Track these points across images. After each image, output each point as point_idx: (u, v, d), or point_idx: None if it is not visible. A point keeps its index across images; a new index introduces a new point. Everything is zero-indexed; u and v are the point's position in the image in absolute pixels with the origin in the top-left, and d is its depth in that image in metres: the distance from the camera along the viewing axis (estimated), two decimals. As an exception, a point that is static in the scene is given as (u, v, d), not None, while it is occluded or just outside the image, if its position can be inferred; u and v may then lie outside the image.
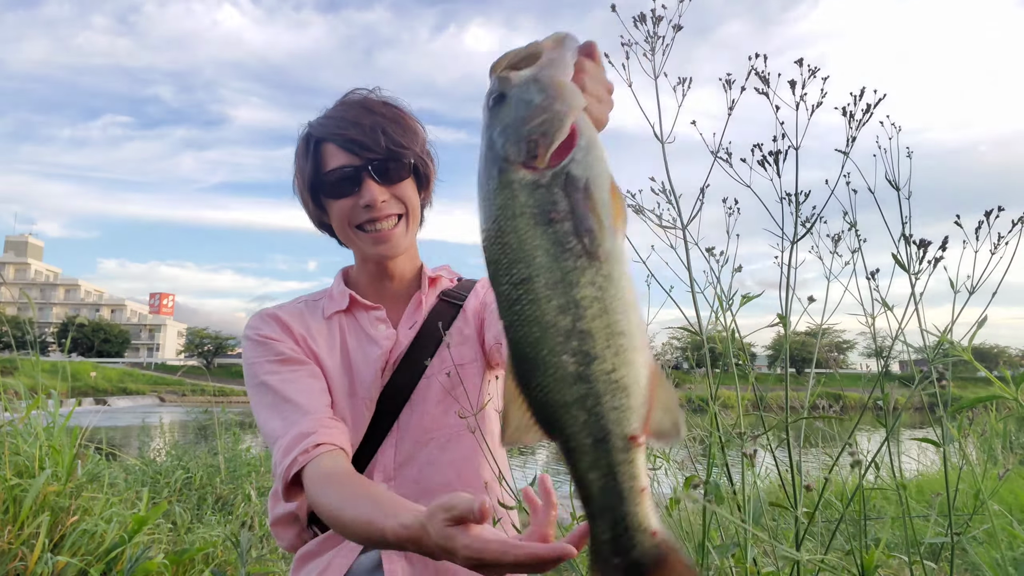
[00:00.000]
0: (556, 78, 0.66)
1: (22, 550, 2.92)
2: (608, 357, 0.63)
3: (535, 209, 0.64)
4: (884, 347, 1.32)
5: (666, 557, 0.67)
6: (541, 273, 0.64)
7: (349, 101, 1.31)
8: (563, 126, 0.64)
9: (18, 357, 4.29)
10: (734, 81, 1.06)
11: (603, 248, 0.64)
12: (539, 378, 0.65)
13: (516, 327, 0.65)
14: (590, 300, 0.63)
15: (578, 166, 0.65)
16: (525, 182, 0.65)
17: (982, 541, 1.67)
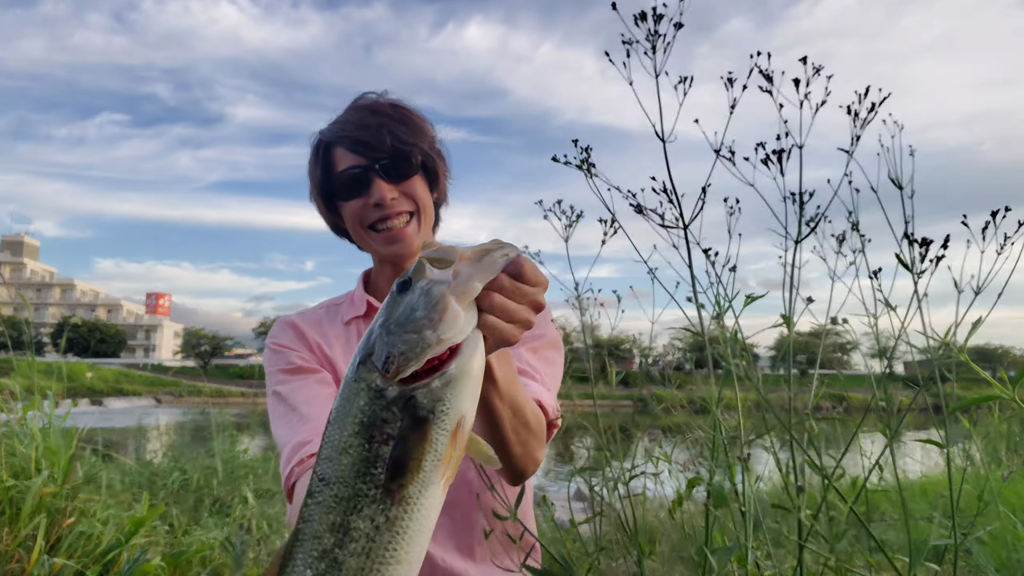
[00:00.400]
0: (445, 300, 0.65)
1: (19, 552, 2.90)
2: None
3: (365, 419, 0.65)
4: (887, 347, 1.31)
5: None
6: (337, 481, 0.64)
7: (357, 105, 1.33)
8: (421, 356, 0.64)
9: (14, 357, 4.26)
10: (736, 79, 1.05)
11: (404, 492, 0.63)
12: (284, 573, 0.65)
13: (301, 516, 0.66)
14: (359, 535, 0.63)
15: (427, 396, 0.64)
16: (372, 386, 0.65)
17: (986, 542, 1.67)
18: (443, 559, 1.21)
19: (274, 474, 5.75)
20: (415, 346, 0.64)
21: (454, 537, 1.24)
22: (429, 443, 0.63)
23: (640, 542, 1.38)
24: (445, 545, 1.23)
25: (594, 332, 1.64)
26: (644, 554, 1.37)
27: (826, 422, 1.45)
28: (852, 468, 1.25)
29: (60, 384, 3.98)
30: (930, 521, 1.25)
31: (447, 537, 1.24)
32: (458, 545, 1.24)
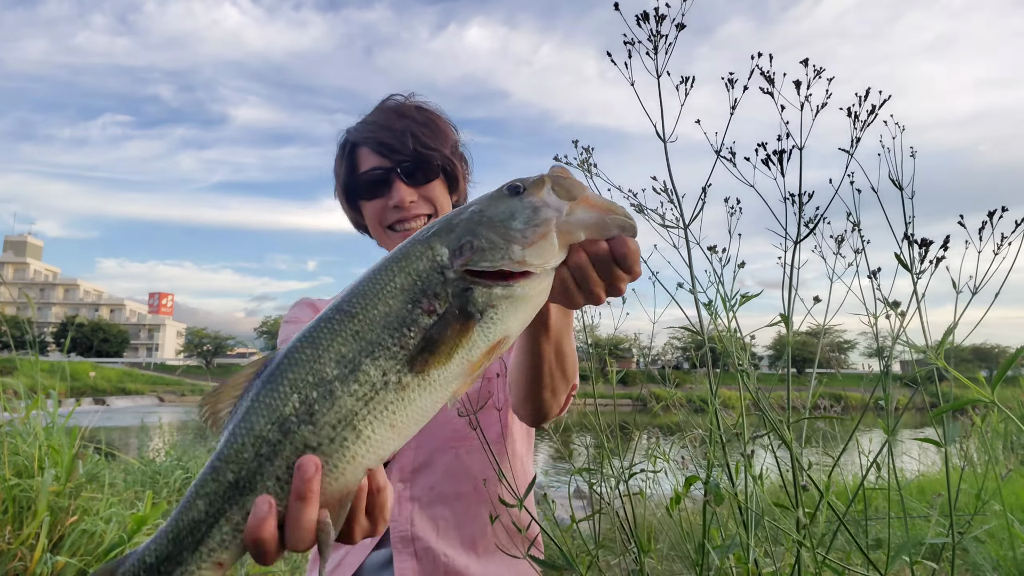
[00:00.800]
0: (548, 228, 0.64)
1: (22, 550, 2.92)
2: (325, 439, 0.60)
3: (418, 282, 0.63)
4: (885, 347, 1.31)
5: None
6: (363, 320, 0.62)
7: (384, 107, 1.37)
8: (496, 263, 0.62)
9: (17, 357, 4.28)
10: (736, 80, 1.06)
11: (425, 369, 0.61)
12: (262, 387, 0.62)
13: (302, 337, 0.64)
14: (366, 380, 0.61)
15: (484, 296, 0.62)
16: (437, 258, 0.64)
17: (983, 541, 1.67)
18: (445, 554, 1.22)
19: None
20: (497, 250, 0.63)
21: (457, 530, 1.26)
22: (467, 340, 0.62)
23: (639, 539, 1.39)
24: (448, 538, 1.24)
25: (594, 331, 1.65)
26: (643, 551, 1.38)
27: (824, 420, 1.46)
28: (850, 467, 1.26)
29: (63, 383, 4.00)
30: (927, 520, 1.26)
31: (450, 529, 1.25)
32: (461, 538, 1.25)
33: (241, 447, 0.61)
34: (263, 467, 0.61)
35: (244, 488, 0.61)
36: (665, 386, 1.79)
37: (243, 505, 0.61)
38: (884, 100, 1.02)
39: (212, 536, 0.61)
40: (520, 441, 1.35)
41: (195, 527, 0.61)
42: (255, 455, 0.61)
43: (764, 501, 1.25)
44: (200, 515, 0.61)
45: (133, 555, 0.64)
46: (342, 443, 0.60)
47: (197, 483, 0.63)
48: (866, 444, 1.59)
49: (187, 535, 0.62)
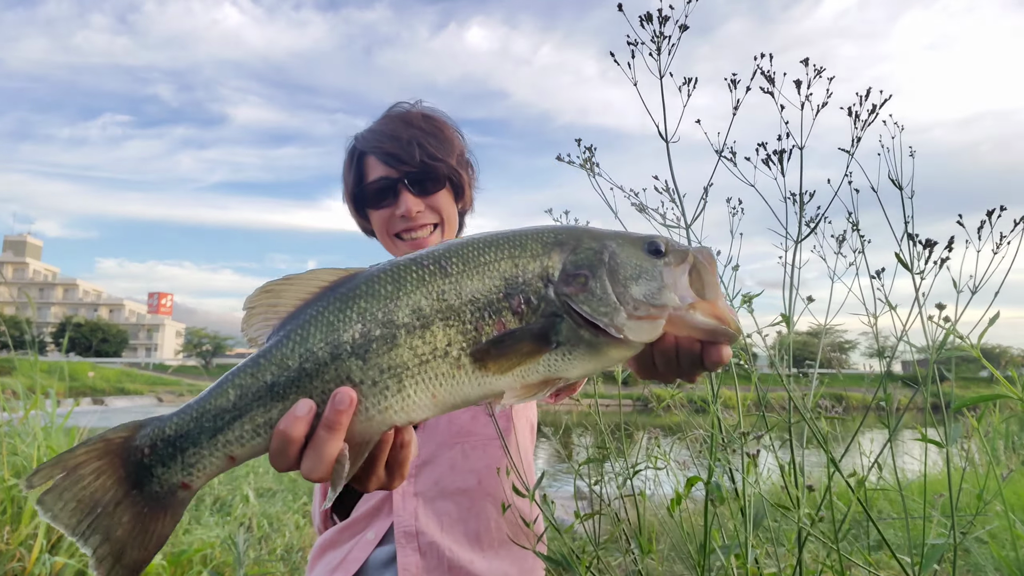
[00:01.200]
0: (661, 314, 0.62)
1: (20, 551, 2.91)
2: (368, 379, 0.60)
3: (520, 279, 0.62)
4: (886, 347, 1.31)
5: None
6: (455, 284, 0.61)
7: (391, 115, 1.38)
8: (597, 315, 0.61)
9: (16, 357, 4.27)
10: (739, 81, 1.06)
11: (483, 362, 0.60)
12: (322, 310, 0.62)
13: (392, 271, 0.62)
14: (430, 342, 0.60)
15: (567, 331, 0.61)
16: (547, 270, 0.62)
17: (985, 542, 1.67)
18: (450, 548, 1.23)
19: (274, 473, 5.76)
20: (604, 305, 0.61)
21: (461, 525, 1.26)
22: (531, 362, 0.61)
23: (640, 540, 1.38)
24: (452, 533, 1.25)
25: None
26: (644, 552, 1.37)
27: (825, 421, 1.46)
28: (851, 467, 1.26)
29: (62, 383, 3.99)
30: (929, 520, 1.26)
31: (454, 524, 1.26)
32: (465, 533, 1.26)
33: (289, 353, 0.61)
34: (302, 381, 0.60)
35: (277, 394, 0.60)
36: (666, 386, 1.78)
37: (269, 409, 0.61)
38: (885, 99, 1.01)
39: (232, 428, 0.61)
40: (524, 435, 1.36)
41: (219, 414, 0.61)
42: (299, 366, 0.60)
43: (765, 501, 1.25)
44: (227, 404, 0.61)
45: (154, 422, 0.64)
46: (383, 390, 0.60)
47: (234, 372, 0.62)
48: (867, 445, 1.59)
49: (210, 419, 0.62)
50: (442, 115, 1.41)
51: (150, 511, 0.63)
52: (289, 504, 4.91)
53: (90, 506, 0.62)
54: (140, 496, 0.63)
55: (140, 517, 0.63)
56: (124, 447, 0.63)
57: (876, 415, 1.22)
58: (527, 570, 1.29)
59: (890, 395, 1.15)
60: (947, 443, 1.14)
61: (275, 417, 0.60)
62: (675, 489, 1.40)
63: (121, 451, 0.63)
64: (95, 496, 0.62)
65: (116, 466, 0.63)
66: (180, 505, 0.64)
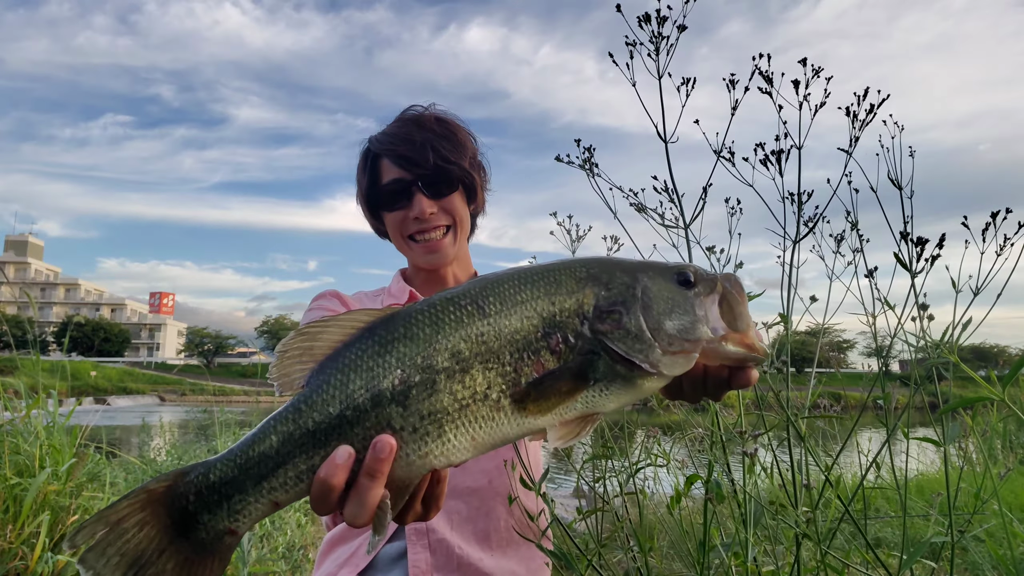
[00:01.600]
0: (695, 348, 0.62)
1: (22, 549, 2.92)
2: (409, 425, 0.60)
3: (558, 317, 0.62)
4: (884, 346, 1.32)
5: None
6: (493, 325, 0.61)
7: (405, 118, 1.40)
8: (632, 353, 0.61)
9: (18, 356, 4.28)
10: (738, 81, 1.06)
11: (524, 404, 0.60)
12: (365, 352, 0.61)
13: (430, 312, 0.62)
14: (469, 386, 0.60)
15: (603, 368, 0.61)
16: (582, 306, 0.62)
17: (982, 540, 1.67)
18: (459, 546, 1.24)
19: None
20: (639, 343, 0.61)
21: (470, 523, 1.27)
22: (571, 400, 0.61)
23: (640, 537, 1.39)
24: (462, 531, 1.26)
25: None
26: (644, 550, 1.38)
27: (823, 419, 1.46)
28: (849, 466, 1.26)
29: (64, 383, 4.00)
30: (926, 519, 1.26)
31: (463, 523, 1.27)
32: (475, 531, 1.27)
33: (330, 400, 0.60)
34: (343, 428, 0.60)
35: (319, 441, 0.60)
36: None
37: (312, 456, 0.60)
38: (883, 99, 1.02)
39: (277, 475, 0.61)
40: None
41: (263, 460, 0.61)
42: (340, 413, 0.60)
43: (764, 499, 1.26)
44: (271, 451, 0.61)
45: (198, 468, 0.63)
46: (423, 436, 0.60)
47: (276, 417, 0.62)
48: (865, 444, 1.59)
49: (254, 466, 0.61)
50: (455, 118, 1.43)
51: (198, 558, 0.63)
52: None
53: (134, 558, 0.61)
54: (186, 543, 0.62)
55: (187, 564, 0.63)
56: (168, 495, 0.63)
57: (874, 414, 1.22)
58: (534, 569, 1.30)
59: (888, 394, 1.16)
60: (945, 442, 1.15)
61: (317, 464, 0.60)
62: (675, 487, 1.40)
63: (165, 500, 0.62)
64: (139, 548, 0.61)
65: (160, 515, 0.62)
66: (228, 550, 0.64)
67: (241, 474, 0.61)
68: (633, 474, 1.49)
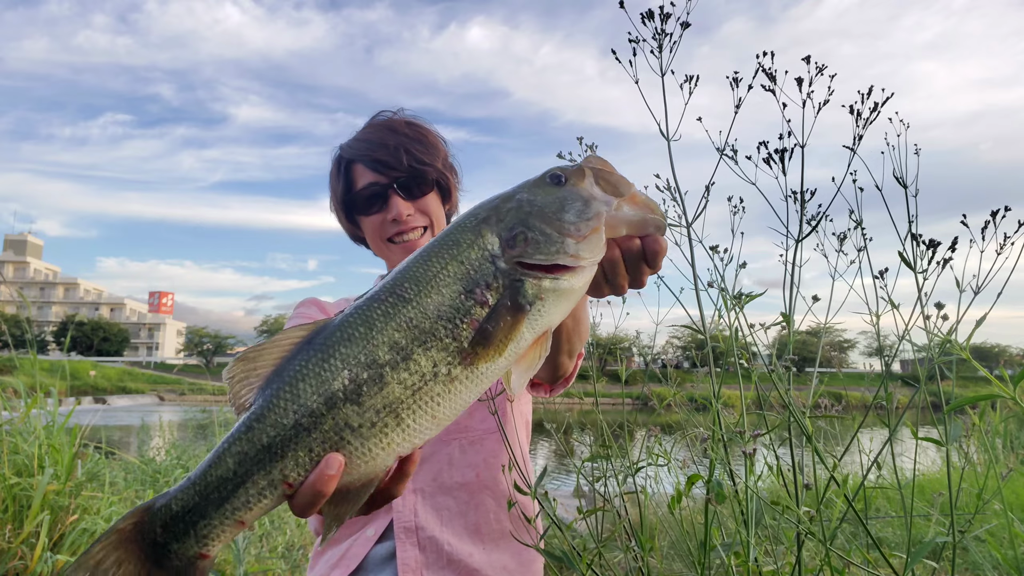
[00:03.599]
0: (599, 223, 0.64)
1: (22, 549, 2.92)
2: (367, 422, 0.60)
3: (472, 271, 0.63)
4: (887, 346, 1.31)
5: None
6: (417, 307, 0.62)
7: (375, 123, 1.41)
8: (551, 256, 0.62)
9: (17, 356, 4.28)
10: (741, 79, 1.06)
11: (475, 361, 0.61)
12: (312, 360, 0.62)
13: (354, 315, 0.63)
14: (416, 369, 0.60)
15: (533, 289, 0.62)
16: (489, 248, 0.64)
17: (984, 540, 1.67)
18: (449, 543, 1.24)
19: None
20: (552, 244, 0.63)
21: (460, 518, 1.28)
22: (517, 332, 0.62)
23: (641, 537, 1.39)
24: (452, 527, 1.26)
25: (594, 331, 1.65)
26: (645, 550, 1.38)
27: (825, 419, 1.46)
28: (850, 466, 1.26)
29: (63, 382, 4.00)
30: (928, 519, 1.26)
31: (453, 518, 1.27)
32: (465, 526, 1.27)
33: (283, 412, 0.61)
34: (299, 437, 0.60)
35: (275, 454, 0.61)
36: (665, 384, 1.79)
37: (271, 471, 0.61)
38: (887, 97, 1.01)
39: (238, 496, 0.61)
40: (520, 430, 1.38)
41: (222, 484, 0.62)
42: (295, 423, 0.60)
43: (765, 499, 1.25)
44: (228, 473, 0.62)
45: (161, 499, 0.65)
46: (382, 428, 0.60)
47: (229, 439, 0.62)
48: (866, 443, 1.59)
49: (213, 490, 0.62)
50: (424, 121, 1.45)
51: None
52: (290, 503, 4.91)
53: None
54: (163, 573, 0.64)
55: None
56: (136, 531, 0.64)
57: (876, 414, 1.22)
58: (526, 562, 1.30)
59: (890, 394, 1.16)
60: (947, 442, 1.14)
61: (277, 477, 0.61)
62: (675, 487, 1.40)
63: (135, 536, 0.64)
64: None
65: (134, 551, 0.64)
66: (203, 572, 0.65)
67: (202, 500, 0.62)
68: (634, 473, 1.48)
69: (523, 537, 1.28)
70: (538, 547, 1.27)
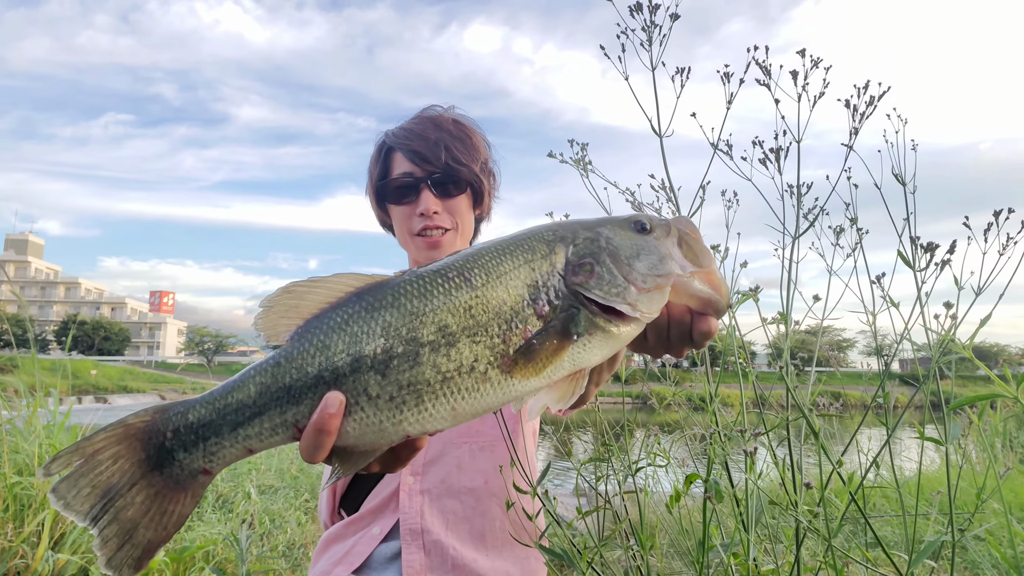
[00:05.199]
0: (667, 283, 0.63)
1: (23, 548, 2.92)
2: (386, 394, 0.60)
3: (540, 279, 0.62)
4: (884, 345, 1.31)
5: None
6: (479, 301, 0.61)
7: (423, 116, 1.42)
8: (609, 298, 0.62)
9: (18, 355, 4.28)
10: (732, 74, 1.05)
11: (513, 375, 0.60)
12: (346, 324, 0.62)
13: (418, 282, 0.62)
14: (455, 358, 0.60)
15: (585, 322, 0.62)
16: (556, 265, 0.63)
17: (983, 539, 1.66)
18: (454, 547, 1.24)
19: (276, 470, 5.77)
20: (614, 286, 0.62)
21: (466, 523, 1.27)
22: (560, 357, 0.61)
23: (640, 536, 1.38)
24: (457, 532, 1.26)
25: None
26: (645, 548, 1.37)
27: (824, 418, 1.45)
28: (848, 465, 1.25)
29: (64, 381, 4.00)
30: (927, 518, 1.26)
31: (459, 523, 1.27)
32: (470, 532, 1.27)
33: (310, 360, 0.61)
34: (317, 388, 0.61)
35: (293, 398, 0.61)
36: (665, 383, 1.78)
37: (285, 411, 0.61)
38: (883, 92, 1.01)
39: (252, 425, 0.62)
40: (528, 438, 1.38)
41: (240, 409, 0.62)
42: (317, 375, 0.60)
43: (764, 498, 1.25)
44: (248, 400, 0.62)
45: (177, 407, 0.64)
46: (399, 405, 0.60)
47: (258, 367, 0.63)
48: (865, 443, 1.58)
49: (231, 413, 0.62)
50: (472, 123, 1.44)
51: (170, 492, 0.64)
52: (291, 501, 4.91)
53: (104, 491, 0.62)
54: (160, 477, 0.64)
55: (157, 497, 0.64)
56: (146, 431, 0.64)
57: (875, 414, 1.22)
58: (530, 571, 1.30)
59: (888, 393, 1.15)
60: (946, 441, 1.14)
61: (289, 419, 0.61)
62: (674, 486, 1.40)
63: (142, 435, 0.64)
64: (111, 481, 0.62)
65: (136, 449, 0.63)
66: (200, 487, 0.65)
67: (219, 418, 0.62)
68: (633, 473, 1.48)
69: (524, 537, 1.28)
70: (539, 545, 1.27)
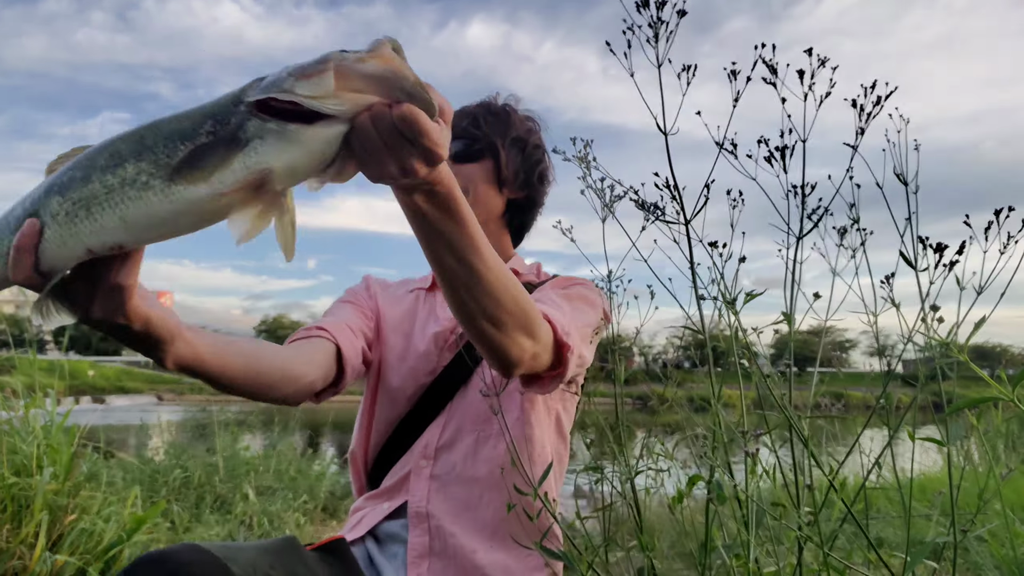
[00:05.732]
0: (326, 66, 0.62)
1: (21, 549, 2.91)
2: (63, 211, 0.69)
3: (215, 108, 0.66)
4: (886, 346, 1.30)
5: None
6: (152, 132, 0.67)
7: (483, 100, 1.42)
8: (267, 90, 0.63)
9: (15, 355, 4.26)
10: (739, 72, 1.04)
11: (175, 182, 0.65)
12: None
13: (123, 134, 0.70)
14: (117, 179, 0.67)
15: (255, 128, 0.63)
16: (238, 94, 0.66)
17: (985, 540, 1.66)
18: (455, 535, 1.24)
19: (275, 471, 5.76)
20: (273, 84, 0.64)
21: (470, 512, 1.27)
22: (225, 165, 0.64)
23: (641, 538, 1.38)
24: (461, 520, 1.26)
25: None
26: (647, 550, 1.37)
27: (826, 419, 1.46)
28: (851, 466, 1.25)
29: (62, 382, 3.99)
30: (928, 519, 1.26)
31: (463, 511, 1.27)
32: (473, 521, 1.27)
33: (34, 194, 0.72)
34: (24, 219, 0.71)
35: (12, 229, 0.72)
36: (665, 384, 1.78)
37: (9, 240, 0.72)
38: (890, 92, 1.01)
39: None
40: (543, 427, 1.37)
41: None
42: (31, 203, 0.72)
43: (766, 500, 1.24)
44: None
45: None
46: (73, 218, 0.69)
47: (16, 203, 0.74)
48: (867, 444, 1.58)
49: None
50: (525, 111, 1.41)
51: None
52: (289, 502, 4.90)
53: None
54: None
55: None
56: None
57: (877, 415, 1.21)
58: (531, 567, 1.29)
59: (891, 394, 1.15)
60: (947, 442, 1.13)
61: (7, 245, 0.71)
62: (676, 487, 1.39)
63: None
64: None
65: None
66: None
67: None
68: (633, 477, 1.47)
69: (526, 539, 1.27)
70: (540, 545, 1.27)
